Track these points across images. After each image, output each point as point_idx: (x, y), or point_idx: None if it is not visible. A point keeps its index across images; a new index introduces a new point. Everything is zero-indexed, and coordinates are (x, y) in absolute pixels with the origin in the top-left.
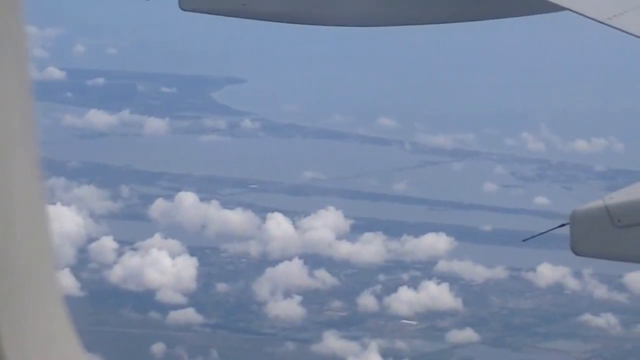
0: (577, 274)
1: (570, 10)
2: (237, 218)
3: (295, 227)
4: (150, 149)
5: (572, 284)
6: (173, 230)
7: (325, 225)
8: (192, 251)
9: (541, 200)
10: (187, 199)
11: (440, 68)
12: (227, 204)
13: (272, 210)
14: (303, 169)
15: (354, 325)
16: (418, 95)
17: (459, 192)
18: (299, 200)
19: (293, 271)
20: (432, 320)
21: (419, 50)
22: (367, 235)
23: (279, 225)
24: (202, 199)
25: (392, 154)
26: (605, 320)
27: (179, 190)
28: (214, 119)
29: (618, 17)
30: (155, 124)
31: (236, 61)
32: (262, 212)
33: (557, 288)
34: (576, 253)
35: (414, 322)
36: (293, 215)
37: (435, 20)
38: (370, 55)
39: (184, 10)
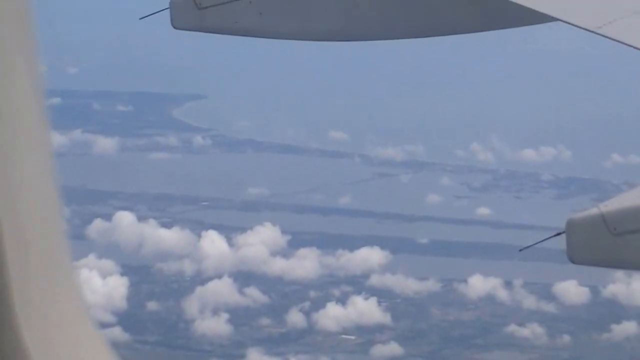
0: (508, 285)
1: (561, 20)
2: (173, 237)
3: (230, 244)
4: (102, 168)
5: (503, 294)
6: (108, 250)
7: (260, 241)
8: (125, 271)
9: (484, 211)
10: (125, 218)
11: (392, 80)
12: (170, 223)
13: (220, 227)
14: (251, 184)
15: (279, 341)
16: (370, 108)
17: (402, 205)
18: (247, 217)
19: (222, 289)
20: (359, 335)
21: (369, 64)
22: (303, 251)
23: (212, 243)
24: (144, 218)
25: (342, 168)
26: (531, 331)
27: (131, 209)
28: (170, 137)
29: (607, 26)
30: (107, 143)
31: (198, 77)
32: (209, 229)
33: (489, 299)
34: (573, 261)
35: (352, 337)
36: (234, 232)
37: (411, 34)
38: (323, 69)
39: (176, 28)
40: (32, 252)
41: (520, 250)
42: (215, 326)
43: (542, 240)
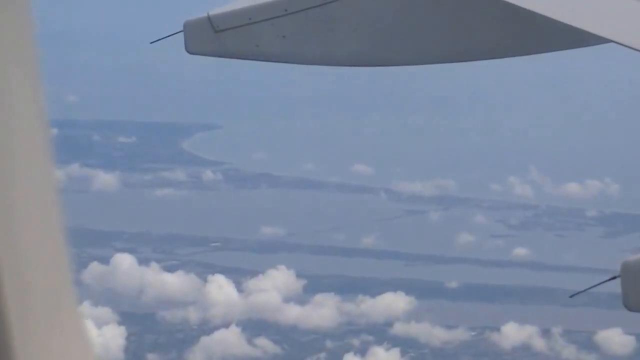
0: (546, 333)
1: (614, 41)
2: (177, 282)
3: (240, 290)
4: (102, 206)
5: (540, 343)
6: (105, 296)
7: (273, 286)
8: (123, 319)
9: (521, 251)
10: (125, 261)
11: (418, 109)
12: (176, 266)
13: (230, 271)
14: (265, 223)
15: None
16: (396, 139)
17: (431, 245)
18: (260, 259)
19: (230, 339)
20: None
21: (395, 91)
22: (319, 297)
23: (220, 288)
24: (147, 260)
25: (366, 204)
26: None
27: (133, 251)
28: (178, 171)
29: None
30: (108, 179)
31: (210, 105)
32: (218, 272)
33: (524, 349)
34: (630, 309)
35: None
36: (244, 275)
37: (442, 59)
38: (347, 96)
39: (191, 53)
40: (33, 293)
41: (571, 296)
42: None
43: (595, 285)
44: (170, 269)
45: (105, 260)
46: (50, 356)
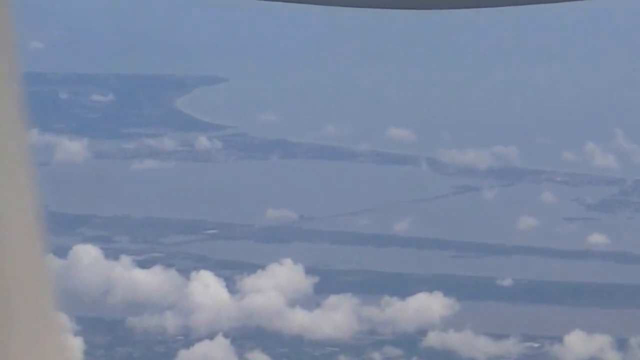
0: (622, 344)
1: None
2: (152, 279)
3: (232, 290)
4: (69, 183)
5: (614, 358)
6: (59, 299)
7: (275, 286)
8: (83, 328)
9: (600, 239)
10: (87, 254)
11: (471, 59)
12: (156, 260)
13: (226, 265)
14: (274, 205)
15: None
16: (441, 96)
17: (485, 231)
18: (264, 250)
19: (216, 354)
20: None
21: (440, 37)
22: (333, 299)
23: (206, 288)
24: (120, 253)
25: (403, 179)
26: None
27: (108, 240)
28: (166, 138)
29: None
30: (76, 148)
31: (215, 55)
32: (212, 267)
33: None
34: None
35: None
36: (241, 271)
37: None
38: (379, 44)
39: None
40: (14, 300)
41: None
42: None
43: None
44: (144, 264)
45: (62, 253)
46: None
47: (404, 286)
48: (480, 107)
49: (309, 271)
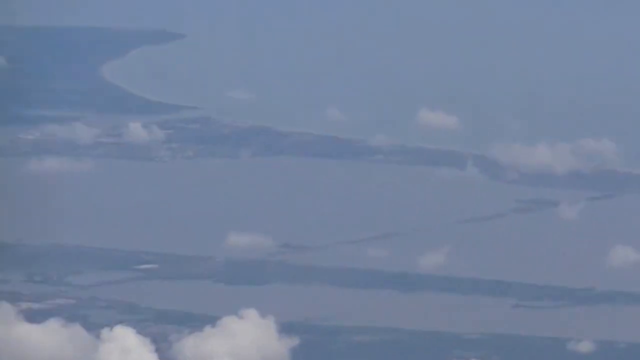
0: None
1: None
2: (45, 339)
3: (164, 358)
4: None
5: None
6: None
7: (230, 352)
8: None
9: None
10: None
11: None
12: (53, 310)
13: (163, 318)
14: (237, 227)
15: None
16: (496, 75)
17: (559, 269)
18: (220, 293)
19: None
20: None
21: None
22: None
23: (125, 355)
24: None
25: (437, 188)
26: None
27: None
28: (83, 123)
29: None
30: None
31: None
32: (140, 321)
33: None
34: None
35: None
36: (182, 327)
37: None
38: (401, 21)
39: None
40: None
41: None
42: None
43: None
44: (37, 317)
45: None
46: None
47: (440, 353)
48: (559, 87)
49: (286, 329)
